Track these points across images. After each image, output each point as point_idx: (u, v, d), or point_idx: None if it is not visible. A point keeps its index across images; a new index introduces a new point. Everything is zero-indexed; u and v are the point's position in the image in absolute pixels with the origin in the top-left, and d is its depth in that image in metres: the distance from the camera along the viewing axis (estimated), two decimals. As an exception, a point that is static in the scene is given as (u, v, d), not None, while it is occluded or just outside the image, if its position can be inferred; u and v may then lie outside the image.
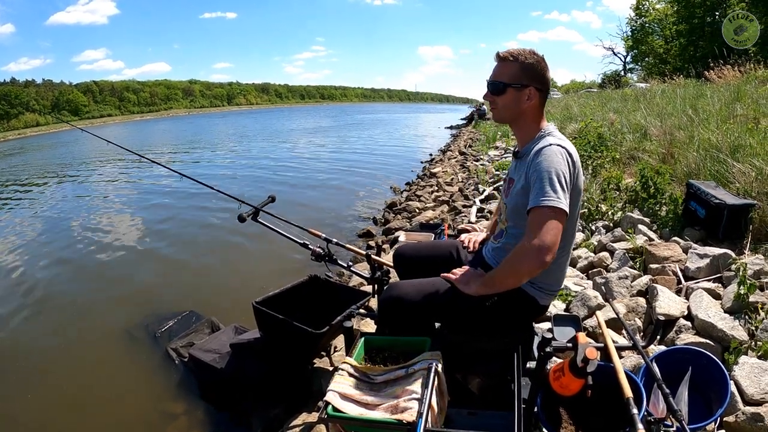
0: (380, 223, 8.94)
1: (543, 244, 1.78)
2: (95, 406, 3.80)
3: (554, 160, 1.91)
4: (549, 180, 1.86)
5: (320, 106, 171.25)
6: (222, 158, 22.35)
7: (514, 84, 2.07)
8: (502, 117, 2.19)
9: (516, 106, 2.11)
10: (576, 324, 2.43)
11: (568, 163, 1.95)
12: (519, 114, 2.13)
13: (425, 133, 35.88)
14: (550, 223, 1.80)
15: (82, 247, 8.29)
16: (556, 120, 13.79)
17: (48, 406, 3.81)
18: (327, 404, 1.86)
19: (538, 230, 1.80)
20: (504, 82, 2.09)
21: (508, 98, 2.10)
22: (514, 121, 2.18)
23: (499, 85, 2.10)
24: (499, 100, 2.13)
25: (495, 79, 2.11)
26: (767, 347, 2.48)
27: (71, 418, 3.69)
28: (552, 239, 1.78)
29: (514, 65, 2.07)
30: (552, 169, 1.88)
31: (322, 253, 3.28)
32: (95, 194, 13.66)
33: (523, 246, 1.85)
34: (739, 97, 8.19)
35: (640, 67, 38.78)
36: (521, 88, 2.07)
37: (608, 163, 7.27)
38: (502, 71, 2.10)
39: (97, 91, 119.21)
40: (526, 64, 2.07)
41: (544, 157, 1.93)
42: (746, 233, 3.87)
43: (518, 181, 2.11)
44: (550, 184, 1.85)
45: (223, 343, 3.71)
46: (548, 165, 1.89)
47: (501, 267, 2.00)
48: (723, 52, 12.71)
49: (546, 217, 1.81)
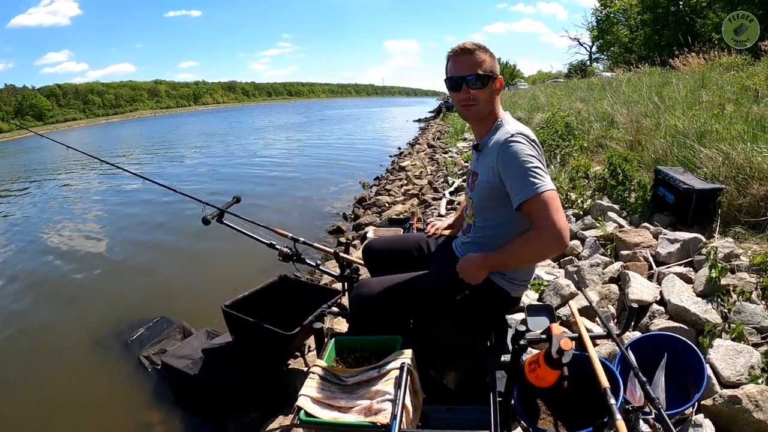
0: (350, 218, 8.92)
1: (561, 227, 1.79)
2: (68, 419, 3.69)
3: (525, 150, 1.89)
4: (528, 169, 1.84)
5: (288, 103, 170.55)
6: (188, 159, 22.02)
7: (496, 75, 2.04)
8: (482, 112, 2.08)
9: (492, 99, 2.07)
10: (549, 314, 2.42)
11: (538, 149, 1.94)
12: (493, 106, 2.09)
13: (394, 127, 36.03)
14: (554, 204, 1.81)
15: (44, 257, 8.03)
16: (523, 110, 13.87)
17: (18, 423, 3.70)
18: (299, 409, 1.82)
19: (549, 215, 1.80)
20: (490, 73, 2.02)
21: (489, 91, 2.04)
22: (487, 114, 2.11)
23: (485, 77, 2.01)
24: (482, 94, 2.03)
25: (477, 70, 2.00)
26: (741, 329, 2.49)
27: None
28: (563, 220, 1.81)
29: (487, 54, 2.03)
30: (527, 158, 1.86)
31: (290, 252, 3.24)
32: (57, 202, 13.27)
33: (538, 232, 1.84)
34: (704, 84, 8.31)
35: (606, 57, 39.34)
36: (495, 78, 2.04)
37: (576, 152, 7.32)
38: (480, 62, 2.00)
39: (61, 95, 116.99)
40: (492, 53, 2.04)
41: (514, 151, 1.89)
42: (715, 217, 3.91)
43: (482, 175, 2.08)
44: (533, 173, 1.84)
45: (195, 349, 3.65)
46: (521, 156, 1.87)
47: (515, 250, 1.95)
48: (687, 39, 12.88)
49: (548, 201, 1.81)
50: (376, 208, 8.85)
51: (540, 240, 1.84)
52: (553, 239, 1.80)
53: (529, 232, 1.89)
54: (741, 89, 7.21)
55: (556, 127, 8.51)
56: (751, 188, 3.86)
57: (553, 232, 1.79)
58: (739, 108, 6.19)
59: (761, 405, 2.00)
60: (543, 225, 1.82)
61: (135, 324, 4.71)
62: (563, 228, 1.79)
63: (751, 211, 3.78)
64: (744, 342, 2.45)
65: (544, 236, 1.82)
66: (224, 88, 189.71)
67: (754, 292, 2.82)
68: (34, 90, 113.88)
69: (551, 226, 1.79)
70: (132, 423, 3.55)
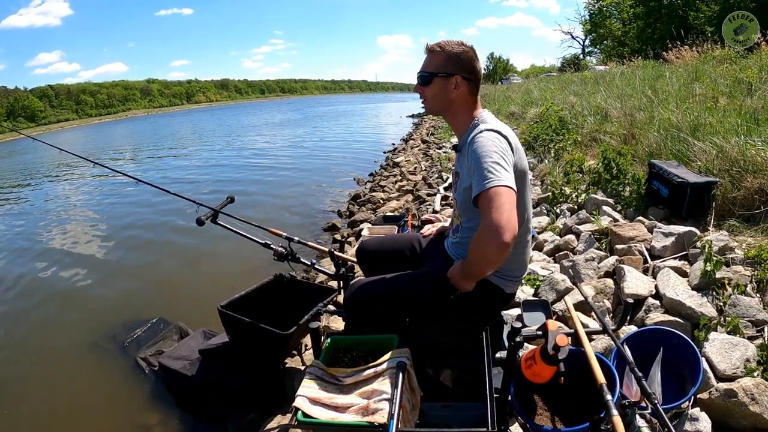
0: (345, 215, 8.91)
1: (499, 224, 1.69)
2: (65, 422, 3.68)
3: (487, 144, 1.87)
4: (485, 164, 1.80)
5: (281, 101, 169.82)
6: (182, 158, 21.87)
7: (440, 73, 2.08)
8: (432, 108, 2.20)
9: (444, 96, 2.11)
10: (545, 309, 2.41)
11: (502, 144, 1.90)
12: (448, 104, 2.13)
13: (387, 123, 36.04)
14: (498, 201, 1.72)
15: (39, 259, 7.97)
16: (517, 105, 13.87)
17: (15, 427, 3.68)
18: (297, 410, 1.82)
19: (488, 213, 1.73)
20: (430, 72, 2.10)
21: (435, 88, 2.11)
22: (445, 111, 2.18)
23: (426, 76, 2.11)
24: (427, 91, 2.14)
25: (422, 70, 2.13)
26: (736, 322, 2.50)
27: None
28: (506, 217, 1.70)
29: (440, 55, 2.09)
30: (485, 153, 1.83)
31: (285, 252, 3.24)
32: (51, 204, 13.15)
33: (480, 232, 1.77)
34: (698, 77, 8.33)
35: (599, 50, 39.42)
36: (447, 77, 2.07)
37: (570, 146, 7.34)
38: (429, 62, 2.12)
39: (53, 96, 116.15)
40: (452, 53, 2.07)
41: (477, 145, 1.88)
42: (709, 210, 3.92)
43: (462, 175, 2.09)
44: (487, 168, 1.79)
45: (192, 350, 3.64)
46: (482, 150, 1.85)
47: (469, 257, 1.92)
48: (680, 33, 12.89)
49: (493, 198, 1.73)
50: (370, 205, 8.85)
51: (480, 239, 1.77)
52: (491, 237, 1.70)
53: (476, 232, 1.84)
54: (734, 82, 7.24)
55: (549, 122, 8.53)
56: (745, 181, 3.87)
57: (490, 227, 1.71)
58: (733, 101, 6.21)
59: (757, 398, 2.01)
60: (483, 222, 1.76)
61: (132, 325, 4.70)
62: (502, 225, 1.69)
63: (745, 204, 3.79)
64: (739, 335, 2.46)
65: (483, 234, 1.74)
66: (217, 86, 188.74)
67: (749, 285, 2.82)
68: (26, 91, 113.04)
69: (489, 223, 1.71)
70: (130, 425, 3.55)
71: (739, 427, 2.07)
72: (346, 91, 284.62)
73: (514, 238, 1.70)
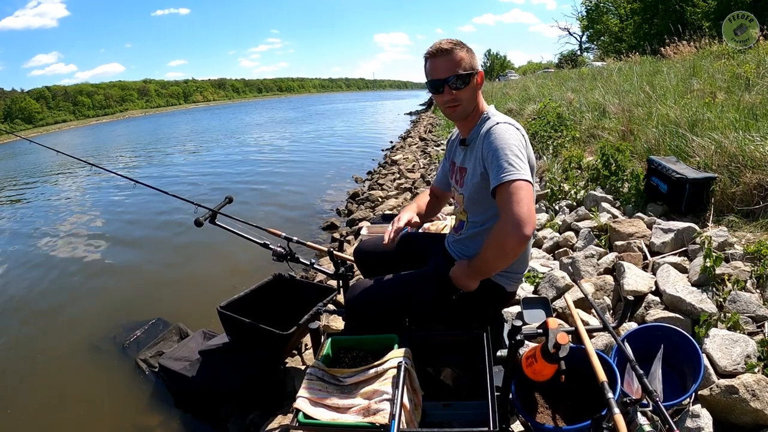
0: (344, 214, 8.91)
1: (520, 217, 1.71)
2: (66, 425, 3.67)
3: (505, 137, 1.86)
4: (505, 156, 1.80)
5: (278, 99, 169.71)
6: (179, 158, 21.84)
7: (475, 70, 2.01)
8: (467, 110, 2.06)
9: (475, 95, 2.05)
10: (545, 306, 2.41)
11: (519, 137, 1.90)
12: (476, 102, 2.07)
13: (385, 121, 36.07)
14: (519, 194, 1.74)
15: (37, 260, 7.97)
16: (515, 101, 13.85)
17: (15, 430, 3.67)
18: (297, 411, 1.82)
19: (510, 205, 1.74)
20: (467, 71, 1.98)
21: (471, 89, 2.01)
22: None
23: (465, 76, 1.98)
24: (464, 93, 2.00)
25: (454, 71, 1.97)
26: (736, 318, 2.49)
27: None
28: (527, 210, 1.72)
29: (466, 51, 1.99)
30: (505, 145, 1.83)
31: (284, 252, 3.24)
32: (49, 206, 13.14)
33: (500, 225, 1.78)
34: (695, 73, 8.33)
35: (596, 47, 39.40)
36: (476, 74, 2.01)
37: (568, 143, 7.32)
38: (459, 61, 1.97)
39: (50, 97, 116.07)
40: (469, 47, 2.01)
41: (494, 136, 1.87)
42: (708, 206, 3.92)
43: (471, 169, 2.07)
44: (507, 160, 1.79)
45: (192, 350, 3.64)
46: (501, 142, 1.84)
47: (485, 252, 1.92)
48: (677, 28, 12.89)
49: (514, 191, 1.74)
50: (369, 203, 8.85)
51: (500, 231, 1.78)
52: (512, 229, 1.71)
53: (495, 224, 1.84)
54: (732, 77, 7.23)
55: (547, 118, 8.51)
56: (743, 177, 3.86)
57: (511, 220, 1.72)
58: (731, 96, 6.20)
59: (758, 394, 2.00)
60: (504, 215, 1.76)
61: (131, 326, 4.69)
62: (523, 218, 1.70)
63: (744, 200, 3.79)
64: (740, 331, 2.45)
65: (504, 227, 1.75)
66: (214, 86, 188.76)
67: (749, 281, 2.82)
68: (23, 93, 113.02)
69: (511, 216, 1.72)
70: (131, 427, 3.54)
71: (740, 423, 2.06)
72: (343, 90, 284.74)
73: (533, 231, 1.73)
